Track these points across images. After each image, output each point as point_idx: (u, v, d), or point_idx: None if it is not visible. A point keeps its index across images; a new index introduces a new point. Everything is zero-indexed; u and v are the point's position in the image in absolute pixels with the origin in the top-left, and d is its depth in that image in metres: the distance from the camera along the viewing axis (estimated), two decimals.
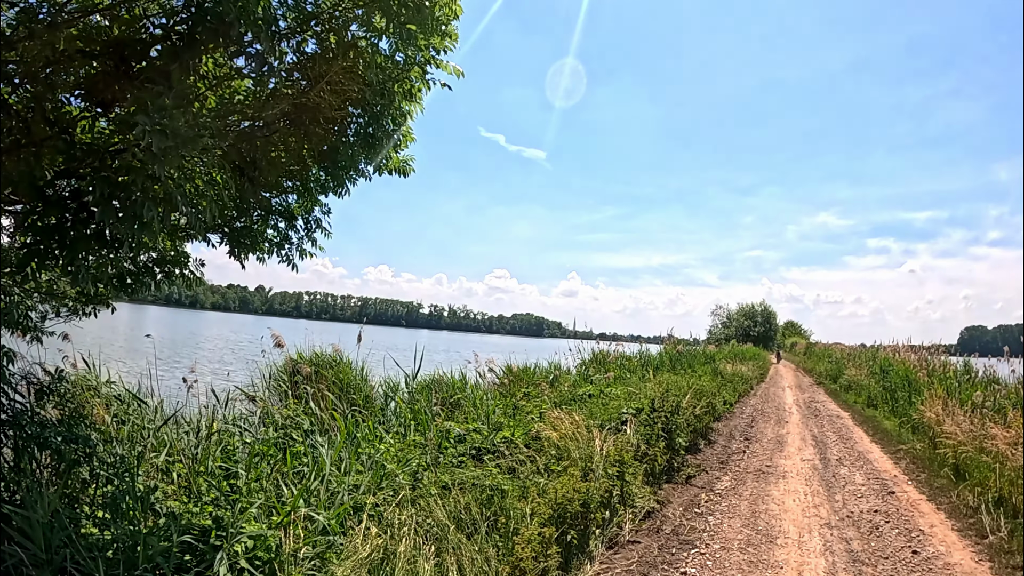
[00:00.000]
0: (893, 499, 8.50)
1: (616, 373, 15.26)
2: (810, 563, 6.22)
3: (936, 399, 12.32)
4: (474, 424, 8.19)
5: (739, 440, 12.79)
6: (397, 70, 6.07)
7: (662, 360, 20.61)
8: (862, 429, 14.95)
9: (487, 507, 5.90)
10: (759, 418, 16.37)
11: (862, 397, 20.19)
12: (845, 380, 24.76)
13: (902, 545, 6.78)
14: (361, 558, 4.64)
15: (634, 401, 10.66)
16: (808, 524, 7.39)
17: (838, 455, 11.51)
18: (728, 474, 9.75)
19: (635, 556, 6.29)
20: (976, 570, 6.17)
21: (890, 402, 17.17)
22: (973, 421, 10.06)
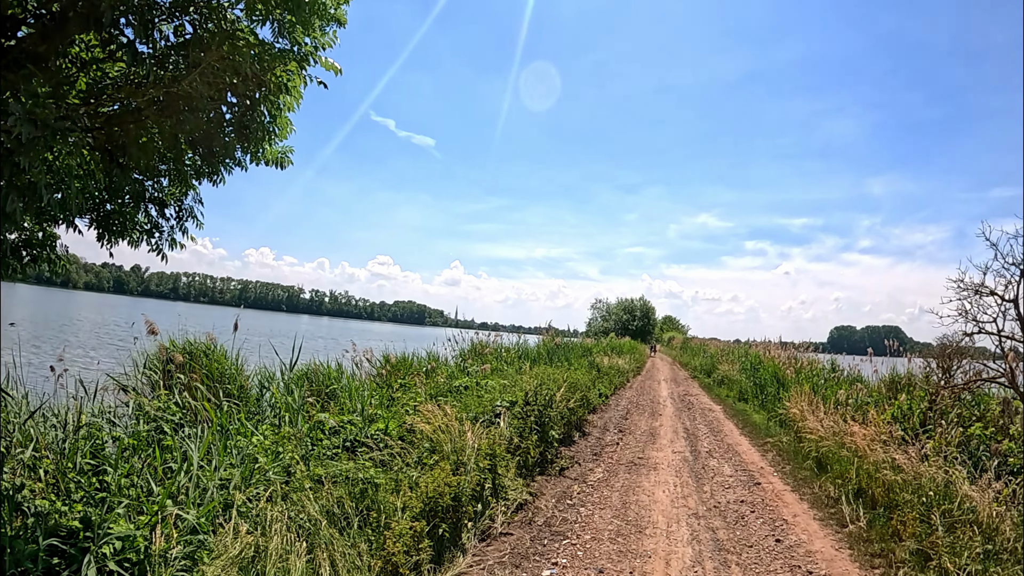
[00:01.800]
0: (759, 490, 8.99)
1: (493, 365, 15.36)
2: (677, 552, 6.53)
3: (802, 396, 13.05)
4: (349, 416, 8.14)
5: (613, 432, 13.20)
6: (275, 61, 6.01)
7: (539, 353, 20.87)
8: (733, 422, 15.66)
9: (360, 501, 5.90)
10: (634, 411, 16.90)
11: (734, 391, 21.16)
12: (718, 375, 25.82)
13: (766, 534, 7.20)
14: (232, 557, 4.58)
15: (509, 394, 10.81)
16: (677, 514, 7.74)
17: (708, 447, 12.06)
18: (601, 466, 10.06)
19: (507, 548, 6.44)
20: (836, 557, 6.61)
21: (760, 397, 18.10)
22: (835, 418, 10.68)
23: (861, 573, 6.24)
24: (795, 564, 6.37)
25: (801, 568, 6.28)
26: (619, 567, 6.11)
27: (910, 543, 6.38)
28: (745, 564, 6.34)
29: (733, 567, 6.24)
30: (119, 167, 6.01)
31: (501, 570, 5.92)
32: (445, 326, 44.27)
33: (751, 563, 6.37)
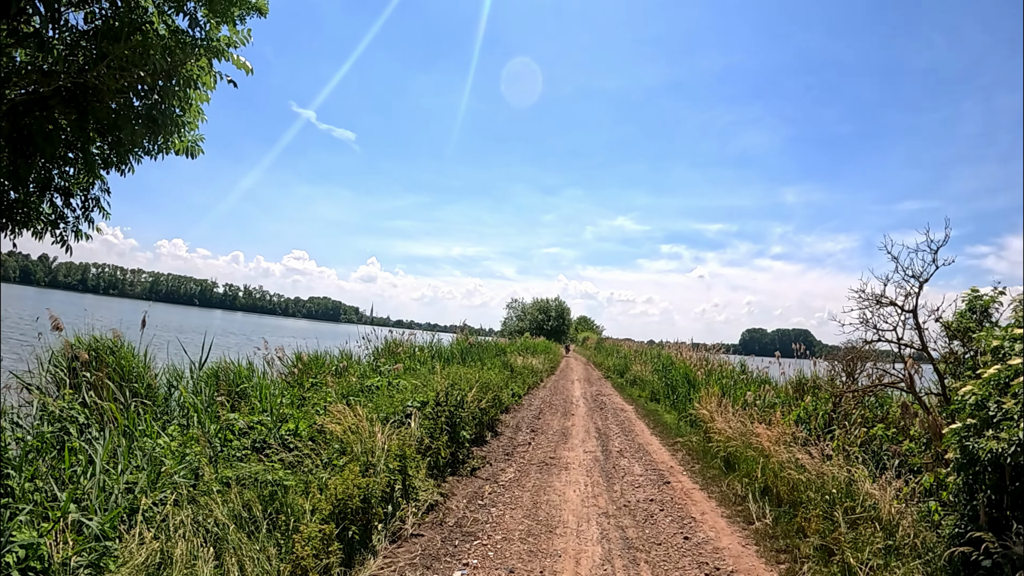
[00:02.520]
0: (668, 488, 9.12)
1: (406, 364, 15.24)
2: (587, 551, 6.57)
3: (711, 397, 13.32)
4: (259, 416, 7.94)
5: (526, 432, 13.22)
6: (186, 55, 5.87)
7: (452, 352, 20.81)
8: (644, 422, 15.85)
9: (269, 504, 5.77)
10: (547, 410, 16.98)
11: (646, 392, 21.41)
12: (631, 375, 26.14)
13: (675, 532, 7.31)
14: (137, 564, 4.41)
15: (420, 394, 10.71)
16: (587, 513, 7.79)
17: (620, 447, 12.17)
18: (513, 466, 10.05)
19: (418, 549, 6.38)
20: (743, 553, 6.75)
21: (671, 397, 18.37)
22: (742, 419, 10.93)
23: (767, 568, 6.38)
24: (703, 561, 6.48)
25: (709, 564, 6.38)
26: (529, 567, 6.11)
27: (814, 539, 6.57)
28: (654, 562, 6.42)
29: (642, 565, 6.31)
30: (23, 156, 5.78)
31: (412, 572, 5.86)
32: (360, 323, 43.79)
33: (660, 560, 6.45)
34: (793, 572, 6.23)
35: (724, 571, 6.25)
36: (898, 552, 5.82)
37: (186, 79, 6.24)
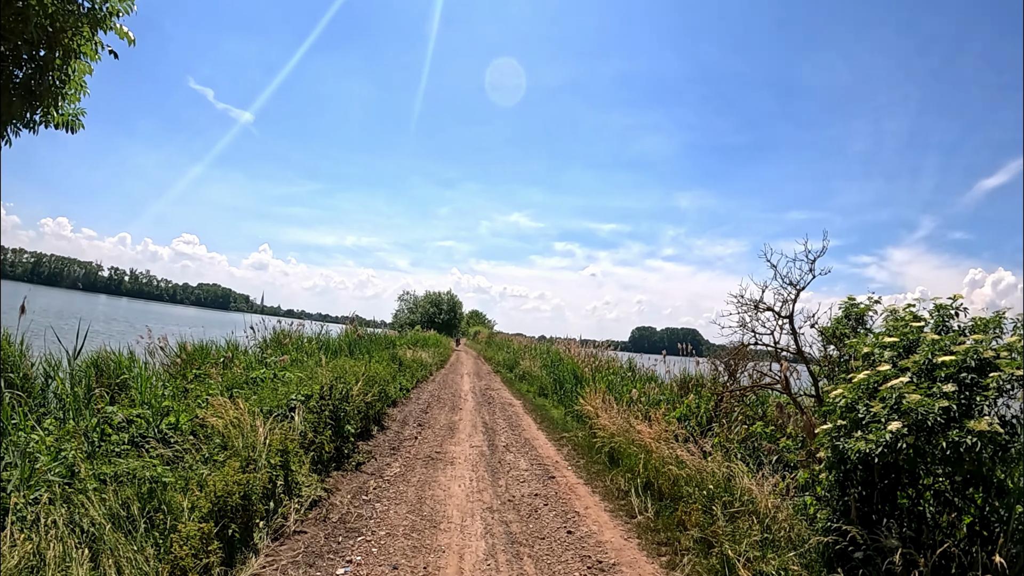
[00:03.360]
0: (553, 483, 9.13)
1: (293, 356, 14.87)
2: (471, 546, 6.50)
3: (596, 393, 13.44)
4: (140, 409, 7.58)
5: (413, 426, 13.06)
6: (67, 24, 5.55)
7: (340, 344, 20.43)
8: (531, 417, 15.90)
9: (148, 501, 5.49)
10: (435, 404, 16.84)
11: (535, 387, 21.53)
12: (520, 370, 26.26)
13: (558, 526, 7.31)
14: (10, 567, 4.10)
15: (306, 387, 10.45)
16: (471, 508, 7.72)
17: (506, 442, 12.16)
18: (398, 460, 9.90)
19: (301, 547, 6.18)
20: (625, 547, 6.80)
21: (559, 393, 18.49)
22: (626, 415, 11.06)
23: (648, 561, 6.44)
24: (585, 554, 6.50)
25: (591, 558, 6.40)
26: (413, 563, 6.00)
27: (694, 532, 6.66)
28: (537, 556, 6.40)
29: (525, 559, 6.28)
30: None
31: (295, 570, 5.66)
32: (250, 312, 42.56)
33: (543, 555, 6.44)
34: (674, 564, 6.30)
35: (606, 564, 6.28)
36: (774, 544, 5.95)
37: (67, 49, 5.92)
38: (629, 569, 6.23)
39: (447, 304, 76.25)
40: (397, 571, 5.82)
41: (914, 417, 4.64)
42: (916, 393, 4.78)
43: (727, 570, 5.87)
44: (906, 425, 4.66)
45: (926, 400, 4.66)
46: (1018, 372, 4.70)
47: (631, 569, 6.23)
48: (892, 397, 4.95)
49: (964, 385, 4.88)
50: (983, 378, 4.84)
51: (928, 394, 4.77)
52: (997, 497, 5.17)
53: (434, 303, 75.66)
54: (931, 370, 5.09)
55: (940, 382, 4.88)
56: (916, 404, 4.66)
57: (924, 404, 4.63)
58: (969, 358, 4.97)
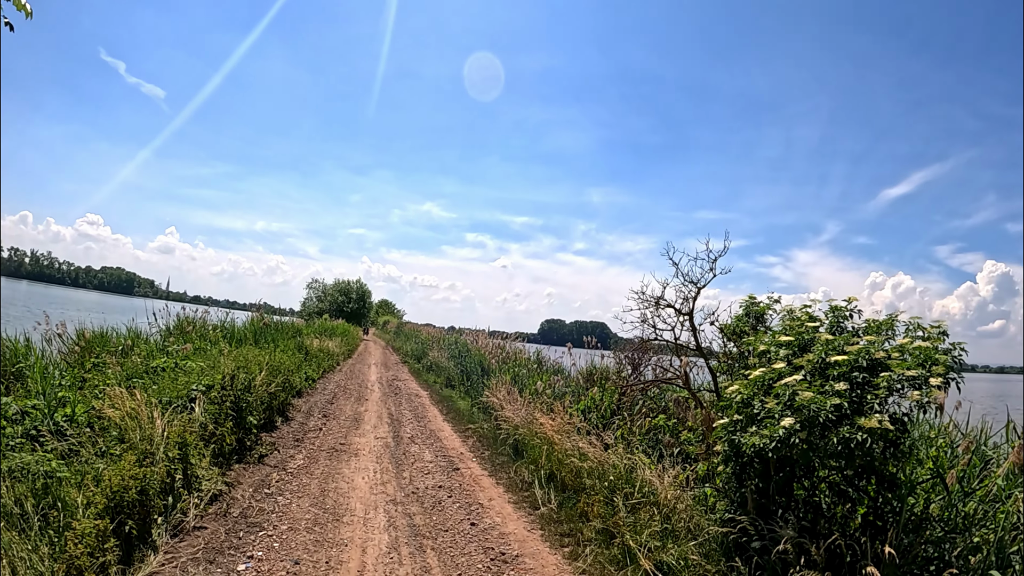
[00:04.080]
0: (457, 475, 9.09)
1: (196, 344, 14.39)
2: (374, 539, 6.40)
3: (502, 385, 13.46)
4: (35, 400, 7.19)
5: (317, 417, 12.81)
6: None
7: (245, 333, 19.89)
8: (438, 408, 15.80)
9: (43, 498, 5.22)
10: (341, 395, 16.58)
11: (441, 378, 21.43)
12: (428, 361, 26.08)
13: (462, 518, 7.27)
14: None
15: (207, 377, 10.12)
16: (375, 501, 7.60)
17: (412, 433, 12.04)
18: (302, 452, 9.69)
19: (201, 543, 5.97)
20: (528, 538, 6.81)
21: (466, 384, 18.44)
22: (530, 407, 11.06)
23: (551, 552, 6.46)
24: (489, 546, 6.48)
25: (494, 549, 6.39)
26: (315, 557, 5.87)
27: (596, 523, 6.71)
28: (440, 548, 6.34)
29: (428, 551, 6.22)
30: None
31: (195, 567, 5.45)
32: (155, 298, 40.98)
33: (446, 547, 6.39)
34: (576, 555, 6.32)
35: (509, 555, 6.27)
36: (675, 534, 6.03)
37: None
38: (532, 560, 6.23)
39: (356, 293, 75.08)
40: (299, 566, 5.68)
41: (806, 414, 4.75)
42: (809, 391, 4.90)
43: (628, 560, 5.93)
44: (799, 421, 4.77)
45: (818, 398, 4.77)
46: (908, 372, 4.84)
47: (534, 560, 6.23)
48: (786, 394, 5.06)
49: (856, 384, 5.03)
50: (874, 377, 4.98)
51: (821, 392, 4.89)
52: (889, 490, 5.34)
53: (343, 292, 74.38)
54: (824, 369, 5.23)
55: (833, 380, 5.01)
56: (808, 401, 4.77)
57: (816, 401, 4.74)
58: (861, 358, 5.11)
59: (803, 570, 4.82)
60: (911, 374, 4.84)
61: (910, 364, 5.00)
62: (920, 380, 4.84)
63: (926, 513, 5.52)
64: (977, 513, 5.77)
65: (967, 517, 5.64)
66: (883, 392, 4.84)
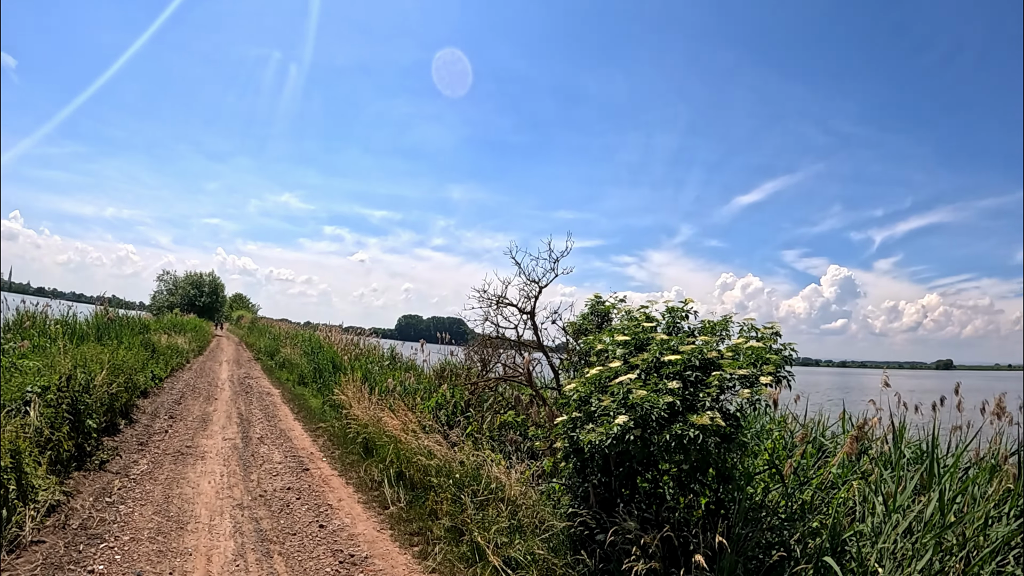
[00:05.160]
0: (307, 476, 8.83)
1: (35, 341, 13.35)
2: (219, 546, 6.12)
3: (352, 382, 13.20)
4: None
5: (164, 419, 12.18)
6: None
7: (88, 329, 18.63)
8: (289, 407, 15.35)
9: None
10: (189, 394, 15.84)
11: (294, 375, 20.81)
12: (281, 357, 25.31)
13: (310, 520, 7.05)
14: None
15: (43, 377, 9.39)
16: (221, 506, 7.28)
17: (261, 433, 11.63)
18: (147, 457, 9.16)
19: (39, 558, 5.51)
20: (378, 538, 6.68)
21: (318, 381, 18.02)
22: (379, 405, 10.88)
23: (401, 552, 6.36)
24: (338, 548, 6.32)
25: (343, 552, 6.24)
26: (159, 568, 5.54)
27: (445, 521, 6.66)
28: (288, 553, 6.13)
29: (276, 557, 6.00)
30: None
31: None
32: None
33: (294, 551, 6.19)
34: (426, 554, 6.26)
35: (359, 557, 6.13)
36: (522, 530, 6.05)
37: None
38: (382, 561, 6.11)
39: (209, 286, 71.93)
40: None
41: (640, 412, 4.84)
42: (643, 389, 5.00)
43: (478, 557, 5.92)
44: (633, 419, 4.85)
45: (652, 396, 4.87)
46: (740, 372, 4.99)
47: (383, 561, 6.12)
48: (621, 392, 5.14)
49: (689, 382, 5.17)
50: (707, 376, 5.13)
51: (655, 390, 4.98)
52: (724, 483, 5.52)
53: (195, 285, 71.03)
54: (659, 368, 5.34)
55: (666, 379, 5.12)
56: (642, 400, 4.86)
57: (650, 399, 4.84)
58: (694, 357, 5.27)
59: (639, 561, 4.90)
60: (742, 373, 5.03)
61: (742, 363, 5.20)
62: (752, 378, 5.03)
63: (765, 502, 5.74)
64: (815, 500, 6.06)
65: (804, 504, 5.91)
66: (715, 390, 5.01)
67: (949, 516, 5.39)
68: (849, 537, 5.33)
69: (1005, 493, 5.94)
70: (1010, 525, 5.24)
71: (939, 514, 5.35)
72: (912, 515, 5.44)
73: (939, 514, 5.35)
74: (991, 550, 4.83)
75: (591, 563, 5.42)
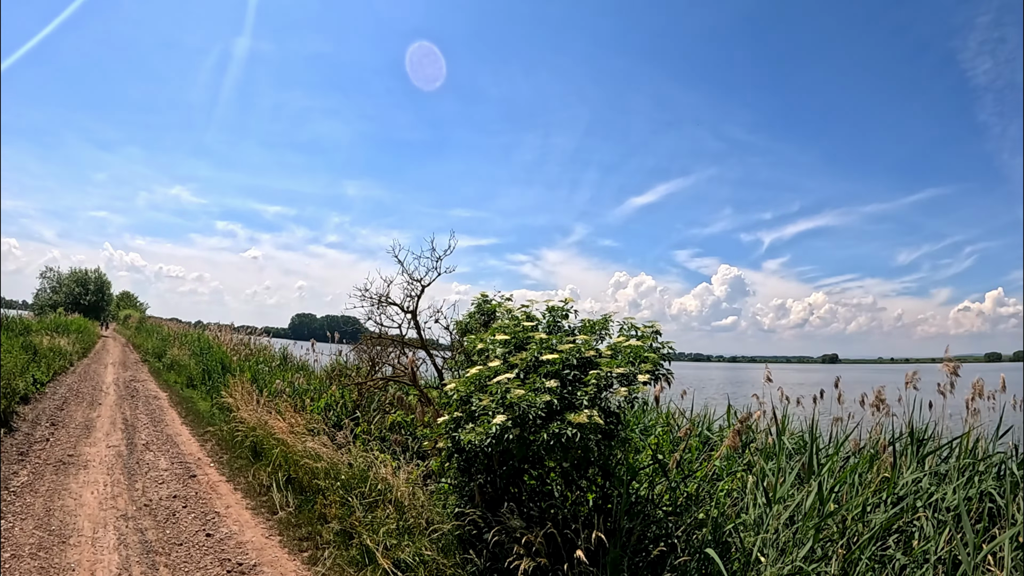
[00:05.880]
0: (194, 482, 8.58)
1: None
2: (103, 560, 5.91)
3: (241, 384, 12.90)
4: None
5: (45, 426, 11.60)
6: None
7: None
8: (177, 411, 14.81)
9: None
10: (72, 400, 15.13)
11: (183, 377, 20.09)
12: (170, 358, 24.42)
13: (197, 529, 6.87)
14: None
15: None
16: (104, 518, 7.01)
17: (147, 439, 11.21)
18: (27, 467, 8.72)
19: None
20: (266, 545, 6.55)
21: (208, 383, 17.47)
22: (266, 407, 10.70)
23: (290, 558, 6.27)
24: (225, 557, 6.18)
25: (231, 560, 6.11)
26: None
27: (335, 524, 6.60)
28: (174, 564, 5.95)
29: (161, 569, 5.82)
30: None
31: None
32: None
33: (180, 563, 6.01)
34: (315, 559, 6.19)
35: (247, 566, 6.02)
36: (411, 531, 6.04)
37: None
38: (271, 569, 6.02)
39: (95, 284, 68.41)
40: None
41: (517, 411, 4.86)
42: (521, 388, 5.02)
43: (368, 560, 5.88)
44: (511, 418, 4.86)
45: (529, 395, 4.89)
46: (617, 370, 5.11)
47: (272, 568, 6.03)
48: (499, 392, 5.14)
49: (567, 381, 5.24)
50: (585, 375, 5.22)
51: (533, 389, 5.00)
52: (607, 478, 5.64)
53: (80, 283, 67.43)
54: (538, 367, 5.38)
55: (544, 378, 5.16)
56: (520, 399, 4.88)
57: (527, 399, 4.86)
58: (572, 356, 5.34)
59: (524, 558, 4.96)
60: (619, 371, 5.13)
61: (620, 362, 5.30)
62: (630, 376, 5.13)
63: (652, 496, 5.90)
64: (701, 493, 6.25)
65: (690, 497, 6.08)
66: (592, 389, 5.06)
67: (829, 505, 5.59)
68: (733, 528, 5.52)
69: (883, 481, 6.25)
70: (887, 512, 5.50)
71: (819, 504, 5.54)
72: (793, 505, 5.65)
73: (819, 504, 5.54)
74: (870, 535, 5.03)
75: (480, 562, 5.45)
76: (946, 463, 6.72)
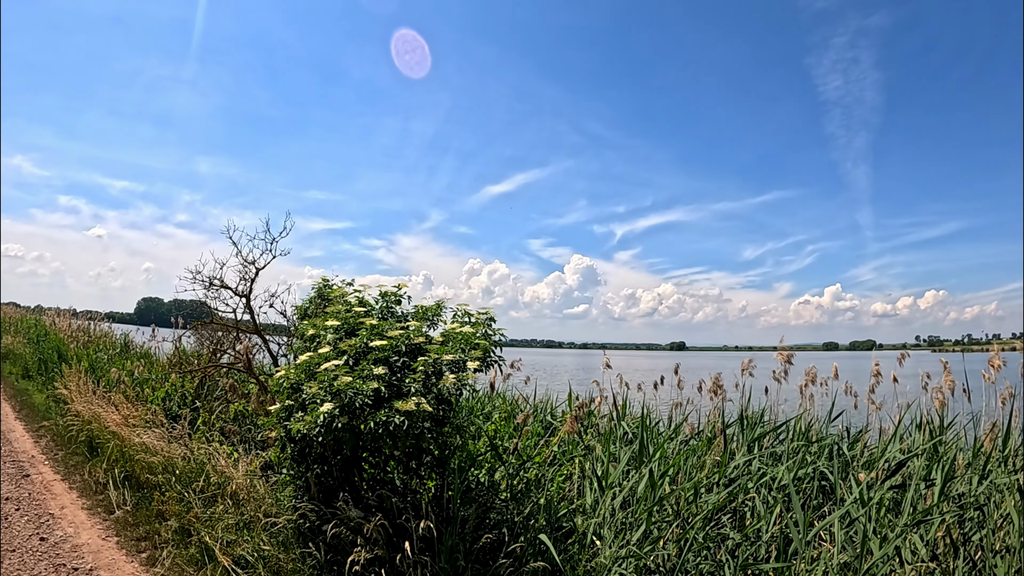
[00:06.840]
0: (28, 482, 8.10)
1: None
2: None
3: (77, 374, 12.17)
4: None
5: None
6: None
7: None
8: (10, 404, 13.80)
9: None
10: None
11: (18, 367, 18.72)
12: (4, 347, 22.72)
13: (31, 533, 6.50)
14: None
15: None
16: None
17: None
18: None
19: None
20: (103, 547, 6.26)
21: (44, 373, 16.35)
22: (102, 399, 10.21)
23: (128, 559, 6.03)
24: (61, 562, 5.88)
25: (67, 566, 5.82)
26: None
27: (173, 522, 6.39)
28: (7, 573, 5.61)
29: None
30: None
31: None
32: None
33: (13, 570, 5.69)
34: (154, 560, 5.97)
35: (83, 570, 5.76)
36: (250, 525, 5.93)
37: None
38: (108, 572, 5.78)
39: None
40: None
41: (344, 399, 4.77)
42: (349, 375, 4.94)
43: (207, 558, 5.72)
44: (338, 406, 4.77)
45: (357, 382, 4.83)
46: (447, 357, 5.19)
47: (110, 572, 5.79)
48: (327, 379, 5.02)
49: (396, 368, 5.21)
50: (414, 361, 5.20)
51: (361, 376, 4.94)
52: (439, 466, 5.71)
53: None
54: (367, 353, 5.32)
55: (372, 365, 5.09)
56: (347, 386, 4.80)
57: (354, 386, 4.80)
58: (401, 343, 5.33)
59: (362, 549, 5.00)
60: (449, 358, 5.15)
61: (449, 349, 5.32)
62: (460, 363, 5.17)
63: (492, 482, 6.06)
64: (542, 479, 6.46)
65: (530, 483, 6.23)
66: (420, 376, 5.03)
67: (664, 488, 5.81)
68: (569, 512, 5.71)
69: (716, 464, 6.55)
70: (719, 493, 5.79)
71: (651, 488, 5.74)
72: (626, 490, 5.88)
73: (651, 488, 5.74)
74: (703, 516, 5.26)
75: (320, 556, 5.35)
76: (781, 445, 7.26)
